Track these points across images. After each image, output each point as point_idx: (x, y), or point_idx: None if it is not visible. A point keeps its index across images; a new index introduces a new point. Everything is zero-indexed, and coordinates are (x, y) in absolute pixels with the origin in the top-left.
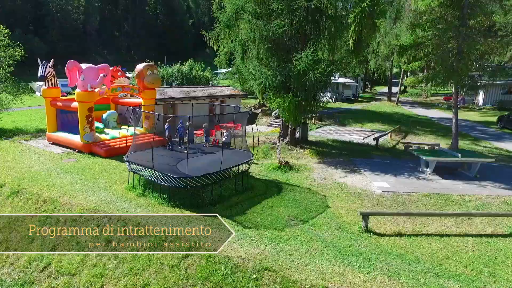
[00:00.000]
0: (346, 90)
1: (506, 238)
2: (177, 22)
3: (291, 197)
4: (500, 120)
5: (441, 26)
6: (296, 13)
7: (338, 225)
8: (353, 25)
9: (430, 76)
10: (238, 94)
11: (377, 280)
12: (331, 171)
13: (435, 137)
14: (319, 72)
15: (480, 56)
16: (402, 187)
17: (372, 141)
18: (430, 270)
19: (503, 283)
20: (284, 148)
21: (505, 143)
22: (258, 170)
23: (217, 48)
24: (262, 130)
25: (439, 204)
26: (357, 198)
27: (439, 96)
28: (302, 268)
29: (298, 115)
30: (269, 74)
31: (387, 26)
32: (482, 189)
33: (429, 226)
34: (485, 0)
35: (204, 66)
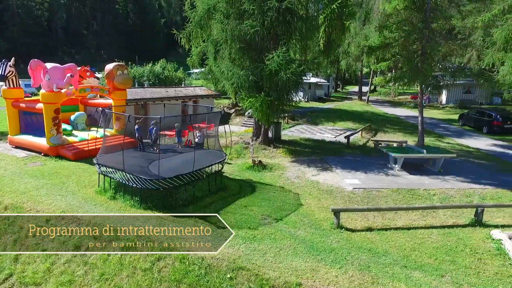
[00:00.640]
0: (318, 90)
1: (465, 228)
2: (149, 21)
3: (264, 196)
4: (461, 118)
5: (406, 28)
6: (267, 14)
7: (311, 222)
8: (323, 26)
9: (397, 75)
10: (211, 94)
11: (348, 274)
12: (304, 170)
13: (403, 135)
14: (291, 72)
15: (443, 58)
16: (372, 184)
17: (343, 139)
18: (398, 262)
19: (462, 270)
20: (258, 147)
21: (466, 139)
22: (231, 170)
23: (188, 48)
24: (235, 130)
25: (407, 198)
26: (329, 195)
27: (407, 95)
28: (276, 265)
29: (271, 114)
30: (242, 74)
31: (357, 27)
32: (445, 183)
33: (397, 220)
34: (445, 5)
35: (176, 66)
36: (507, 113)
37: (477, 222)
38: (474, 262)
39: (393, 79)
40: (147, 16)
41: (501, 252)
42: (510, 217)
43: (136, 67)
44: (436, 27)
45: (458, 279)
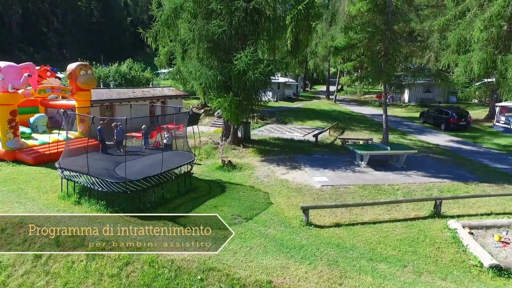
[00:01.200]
0: (287, 89)
1: (426, 220)
2: (114, 20)
3: (234, 196)
4: (421, 116)
5: (370, 30)
6: (235, 14)
7: (280, 220)
8: (290, 27)
9: (362, 75)
10: (180, 95)
11: (317, 270)
12: (273, 168)
13: (369, 133)
14: (259, 72)
15: (404, 58)
16: (340, 181)
17: (312, 138)
18: (364, 255)
19: (423, 259)
20: (227, 147)
21: (426, 136)
22: (201, 170)
23: (156, 48)
24: (205, 130)
25: (373, 194)
26: (298, 193)
27: (372, 94)
28: (247, 264)
29: (240, 114)
30: (210, 74)
31: (323, 28)
32: (408, 178)
33: (364, 215)
34: (405, 9)
35: (144, 66)
36: (461, 111)
37: (436, 214)
38: (433, 251)
39: (359, 79)
40: (112, 14)
41: (456, 240)
42: (464, 207)
43: (101, 67)
44: (398, 29)
45: (419, 268)
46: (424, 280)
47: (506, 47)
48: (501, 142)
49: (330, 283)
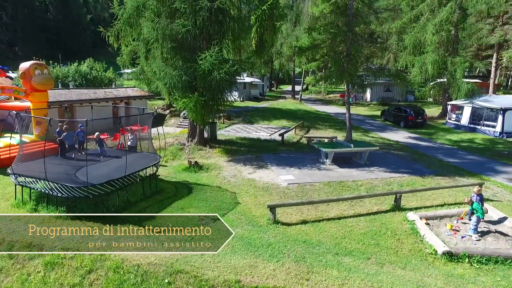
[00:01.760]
0: (253, 89)
1: (387, 213)
2: (73, 16)
3: (201, 197)
4: (382, 114)
5: (332, 31)
6: (199, 13)
7: (248, 220)
8: (255, 27)
9: (326, 75)
10: (145, 95)
11: (285, 267)
12: (240, 168)
13: (333, 131)
14: (224, 72)
15: (366, 59)
16: (306, 178)
17: (278, 137)
18: (330, 250)
19: (384, 251)
20: (194, 148)
21: (387, 133)
22: (167, 172)
23: (118, 47)
24: (170, 131)
25: (337, 190)
26: (265, 192)
27: (336, 94)
28: (215, 265)
29: (206, 114)
30: (174, 74)
31: (288, 29)
32: (371, 174)
33: (329, 211)
34: (365, 11)
35: (106, 66)
36: (418, 109)
37: (396, 207)
38: (394, 243)
39: (323, 78)
40: (70, 11)
41: (414, 231)
42: (421, 200)
43: (59, 66)
44: (359, 31)
45: (381, 259)
46: (386, 270)
47: (454, 50)
48: (453, 138)
49: (298, 279)
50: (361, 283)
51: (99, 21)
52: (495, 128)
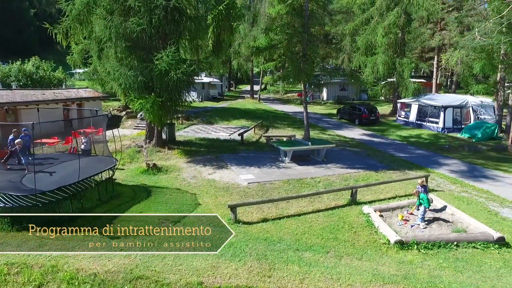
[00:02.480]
0: (212, 89)
1: (344, 207)
2: (14, 11)
3: (161, 200)
4: (338, 112)
5: (289, 31)
6: (155, 12)
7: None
8: (212, 27)
9: (283, 75)
10: (99, 97)
11: (247, 266)
12: (200, 169)
13: (292, 129)
14: (182, 72)
15: (321, 59)
16: (266, 177)
17: (237, 137)
18: (291, 246)
19: (342, 244)
20: (152, 150)
21: (343, 130)
22: (124, 175)
23: (67, 45)
24: (127, 133)
25: (297, 188)
26: (225, 192)
27: (294, 93)
28: (176, 268)
29: (163, 115)
30: (130, 75)
31: (246, 29)
32: (328, 170)
33: (289, 209)
34: (320, 13)
35: (54, 65)
36: (371, 107)
37: (352, 201)
38: (351, 235)
39: (281, 78)
40: (10, 5)
41: (369, 223)
42: (375, 193)
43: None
44: (314, 32)
45: (339, 252)
46: (344, 262)
47: (402, 52)
48: (402, 134)
49: (260, 276)
50: (321, 276)
51: (45, 17)
52: (438, 124)
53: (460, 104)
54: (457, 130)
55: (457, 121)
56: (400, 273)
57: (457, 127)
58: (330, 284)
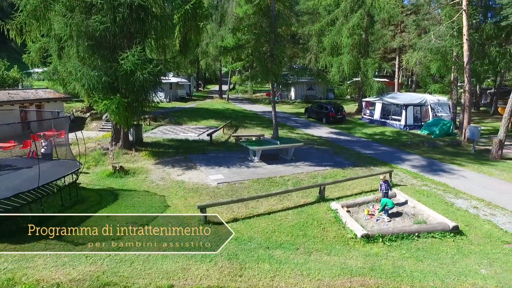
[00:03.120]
0: (180, 90)
1: (313, 205)
2: None
3: (128, 203)
4: (306, 111)
5: (256, 31)
6: (119, 10)
7: (179, 222)
8: (178, 26)
9: (251, 74)
10: (60, 98)
11: (218, 266)
12: (168, 171)
13: (261, 129)
14: (148, 72)
15: (289, 59)
16: (235, 177)
17: (206, 137)
18: (262, 245)
19: (312, 240)
20: (118, 152)
21: (311, 129)
22: (89, 179)
23: (22, 43)
24: (92, 135)
25: (266, 186)
26: (195, 193)
27: (263, 92)
28: (146, 273)
29: (130, 116)
30: (93, 75)
31: (213, 29)
32: (297, 168)
33: (259, 207)
34: (287, 14)
35: (8, 64)
36: (337, 106)
37: (321, 198)
38: (320, 232)
39: (249, 78)
40: None
41: (337, 219)
42: (343, 190)
43: None
44: (281, 32)
45: (308, 248)
46: (314, 258)
47: (366, 52)
48: (368, 131)
49: (231, 276)
50: (292, 273)
51: None
52: (400, 122)
53: (420, 103)
54: (418, 127)
55: (417, 119)
56: (367, 266)
57: (418, 124)
58: (300, 280)
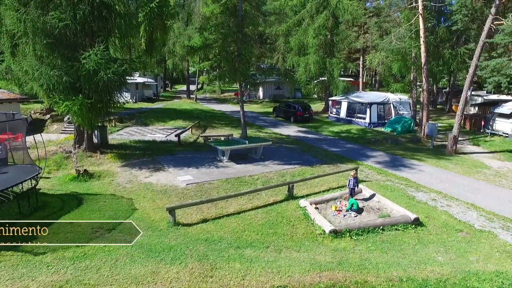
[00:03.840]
0: (147, 90)
1: (282, 203)
2: None
3: (94, 208)
4: (274, 110)
5: (223, 31)
6: (79, 6)
7: (147, 225)
8: (144, 25)
9: (219, 74)
10: (16, 98)
11: (188, 268)
12: (135, 173)
13: (229, 129)
14: (112, 72)
15: (257, 59)
16: (204, 177)
17: (174, 138)
18: (232, 244)
19: (281, 237)
20: (82, 155)
21: (279, 128)
22: (51, 184)
23: None
24: (53, 138)
25: (235, 186)
26: (163, 195)
27: (231, 92)
28: (113, 278)
29: (94, 118)
30: (53, 74)
31: (180, 28)
32: (266, 167)
33: (229, 207)
34: (253, 14)
35: None
36: (305, 105)
37: (290, 196)
38: (289, 229)
39: (217, 78)
40: None
41: (306, 216)
42: (311, 187)
43: None
44: (248, 32)
45: (278, 246)
46: (284, 255)
47: (331, 52)
48: (334, 130)
49: (202, 277)
50: (262, 271)
51: None
52: (365, 120)
53: (383, 101)
54: (381, 125)
55: (381, 117)
56: (335, 260)
57: (381, 122)
58: (271, 277)
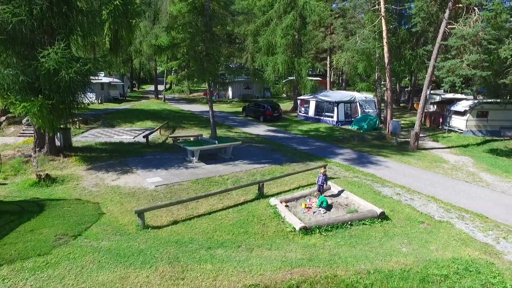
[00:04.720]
0: (113, 90)
1: (253, 202)
2: None
3: (57, 213)
4: (244, 110)
5: (191, 30)
6: (35, 1)
7: (115, 230)
8: (108, 23)
9: (188, 74)
10: None
11: (159, 271)
12: (102, 176)
13: (199, 129)
14: (74, 71)
15: (225, 58)
16: (174, 178)
17: (143, 139)
18: (203, 245)
19: (253, 236)
20: (43, 159)
21: (249, 127)
22: (7, 191)
23: None
24: (10, 141)
25: (206, 187)
26: (132, 197)
27: (200, 92)
28: (79, 287)
29: (55, 120)
30: (7, 74)
31: (147, 27)
32: (236, 167)
33: (199, 208)
34: (221, 13)
35: None
36: (274, 104)
37: (260, 195)
38: (260, 228)
39: (185, 77)
40: None
41: (276, 214)
42: (281, 185)
43: None
44: (217, 31)
45: (250, 245)
46: (255, 254)
47: (299, 52)
48: (303, 128)
49: (173, 280)
50: (234, 270)
51: None
52: (332, 118)
53: (350, 100)
54: (348, 123)
55: (348, 115)
56: (306, 256)
57: (348, 120)
58: (243, 276)
